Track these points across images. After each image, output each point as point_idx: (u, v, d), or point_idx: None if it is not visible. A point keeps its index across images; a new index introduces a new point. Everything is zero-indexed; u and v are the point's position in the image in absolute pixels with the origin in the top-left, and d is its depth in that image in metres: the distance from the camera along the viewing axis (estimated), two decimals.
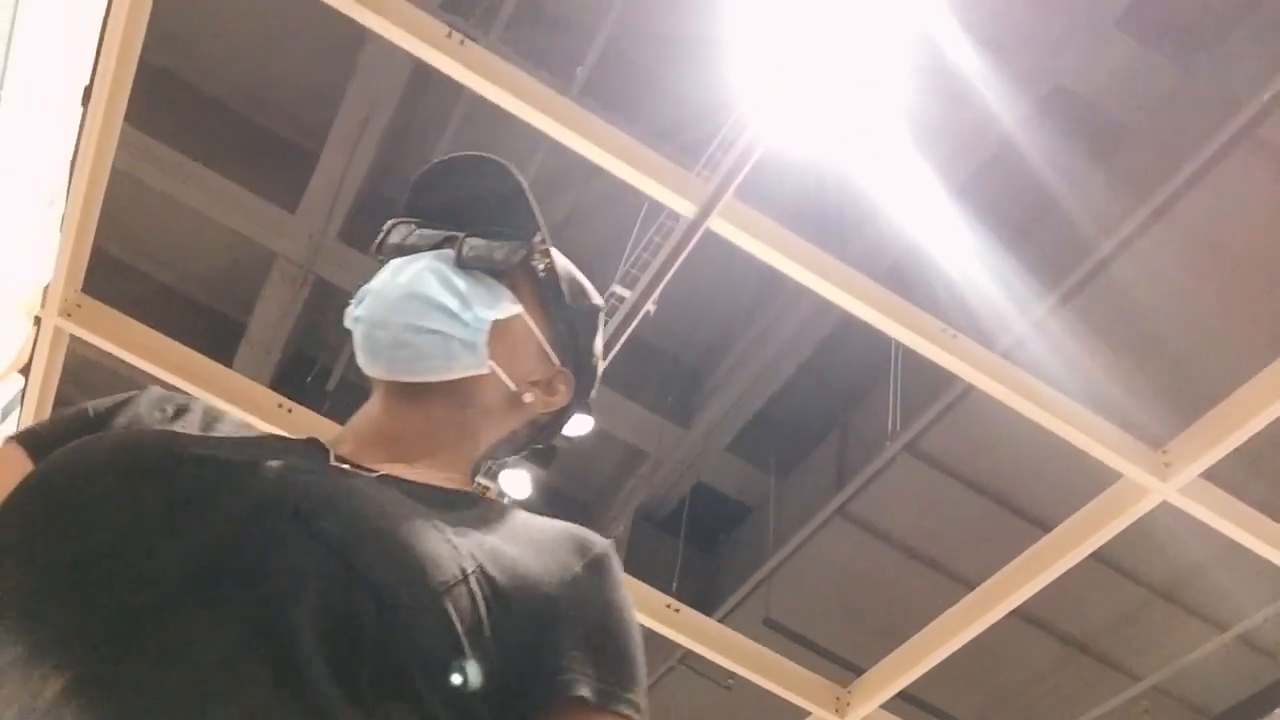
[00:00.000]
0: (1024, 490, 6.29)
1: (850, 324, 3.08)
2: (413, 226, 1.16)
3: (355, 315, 1.10)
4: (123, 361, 3.12)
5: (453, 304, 1.07)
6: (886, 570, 7.13)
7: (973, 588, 3.81)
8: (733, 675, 4.19)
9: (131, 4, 2.53)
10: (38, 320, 3.04)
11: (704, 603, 8.07)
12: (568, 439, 4.70)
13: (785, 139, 2.98)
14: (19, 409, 3.17)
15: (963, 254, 5.84)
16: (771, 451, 8.72)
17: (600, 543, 1.00)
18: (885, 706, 4.10)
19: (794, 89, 2.92)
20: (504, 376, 1.11)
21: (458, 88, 2.50)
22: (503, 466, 5.78)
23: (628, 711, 0.89)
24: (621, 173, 2.68)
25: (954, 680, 6.45)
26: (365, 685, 0.78)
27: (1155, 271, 5.48)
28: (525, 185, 1.14)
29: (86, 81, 2.70)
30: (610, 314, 6.34)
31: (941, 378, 3.24)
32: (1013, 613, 3.76)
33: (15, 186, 2.91)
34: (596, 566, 0.97)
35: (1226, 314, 5.40)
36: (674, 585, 8.11)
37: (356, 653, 0.78)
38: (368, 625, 0.78)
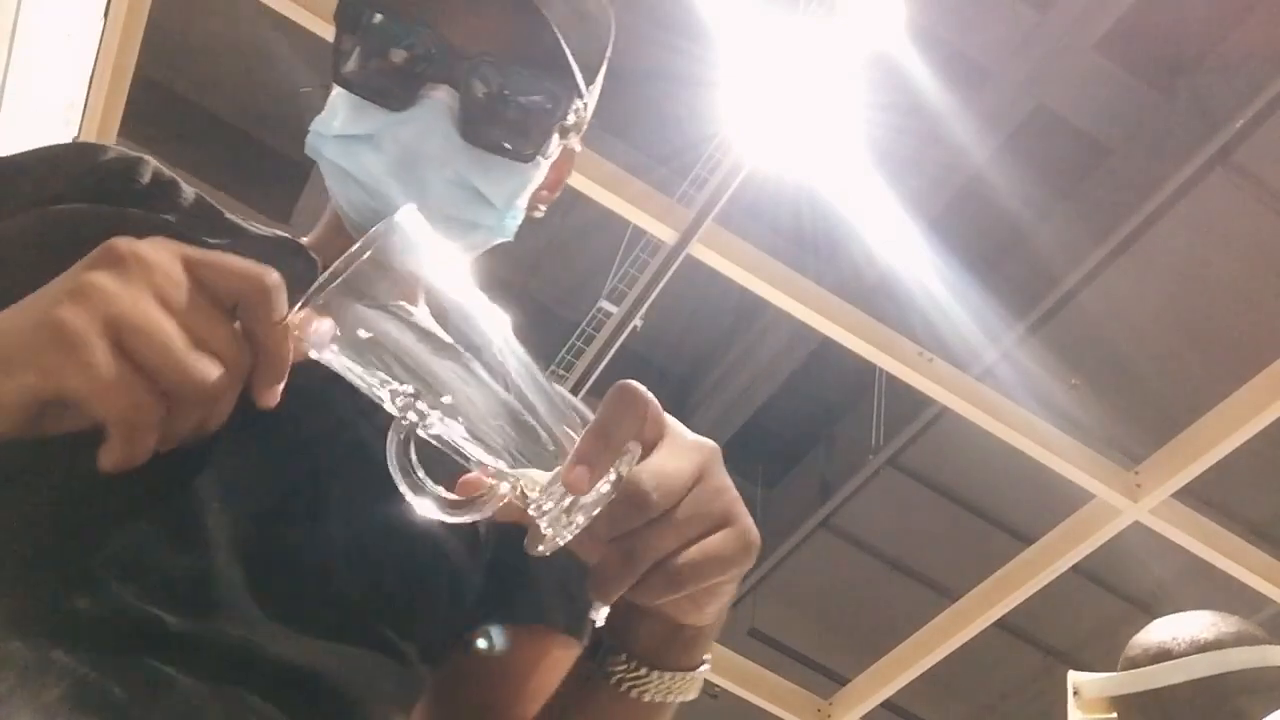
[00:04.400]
0: (1004, 504, 6.36)
1: (834, 340, 3.17)
2: (402, 51, 0.86)
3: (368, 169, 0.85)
4: None
5: (479, 214, 0.89)
6: (869, 582, 7.19)
7: (954, 599, 3.87)
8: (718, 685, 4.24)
9: (126, 18, 2.59)
10: None
11: None
12: None
13: (766, 166, 3.06)
14: None
15: (936, 284, 5.98)
16: (758, 463, 8.78)
17: None
18: (867, 717, 4.16)
19: (774, 120, 3.00)
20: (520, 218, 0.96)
21: None
22: None
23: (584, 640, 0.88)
24: (605, 200, 2.74)
25: (936, 691, 6.51)
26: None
27: (1123, 300, 5.59)
28: (563, 42, 0.86)
29: (83, 94, 2.76)
30: (597, 328, 6.41)
31: (923, 394, 3.32)
32: (994, 624, 3.83)
33: None
34: None
35: (1195, 339, 5.49)
36: None
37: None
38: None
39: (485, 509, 0.62)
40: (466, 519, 0.63)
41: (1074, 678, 1.44)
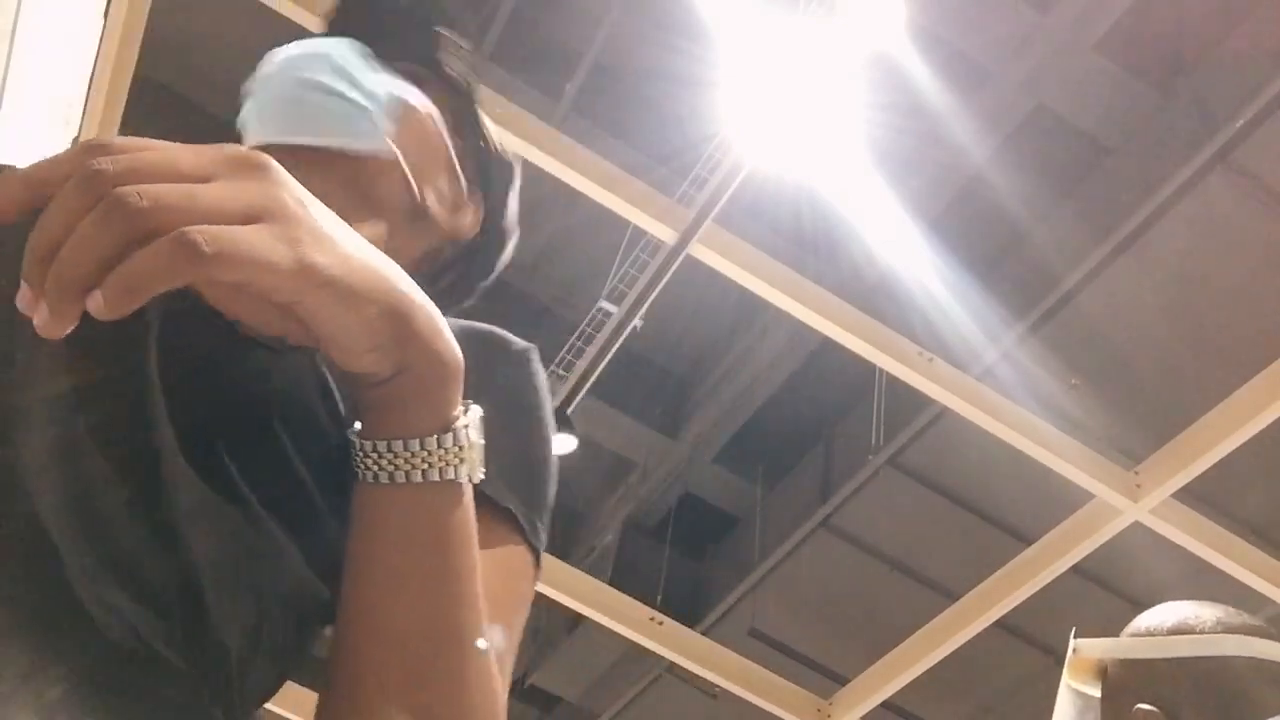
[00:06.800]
0: (1004, 504, 6.36)
1: (834, 340, 3.17)
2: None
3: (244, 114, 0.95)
4: None
5: (353, 68, 0.93)
6: (869, 582, 7.19)
7: (954, 599, 3.87)
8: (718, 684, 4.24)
9: (126, 18, 2.59)
10: None
11: (691, 612, 8.12)
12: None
13: (766, 166, 3.06)
14: None
15: (936, 284, 5.99)
16: (758, 463, 8.78)
17: (519, 342, 0.91)
18: (868, 717, 4.16)
19: (774, 120, 3.00)
20: (406, 168, 0.95)
21: None
22: None
23: (538, 548, 0.81)
24: (605, 200, 2.74)
25: (936, 690, 6.51)
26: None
27: (1123, 300, 5.59)
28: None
29: (83, 93, 2.76)
30: (597, 328, 6.41)
31: (923, 394, 3.32)
32: (994, 624, 3.83)
33: None
34: (518, 365, 0.89)
35: (1195, 339, 5.49)
36: (660, 594, 8.16)
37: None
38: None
39: None
40: None
41: (1077, 641, 1.43)
